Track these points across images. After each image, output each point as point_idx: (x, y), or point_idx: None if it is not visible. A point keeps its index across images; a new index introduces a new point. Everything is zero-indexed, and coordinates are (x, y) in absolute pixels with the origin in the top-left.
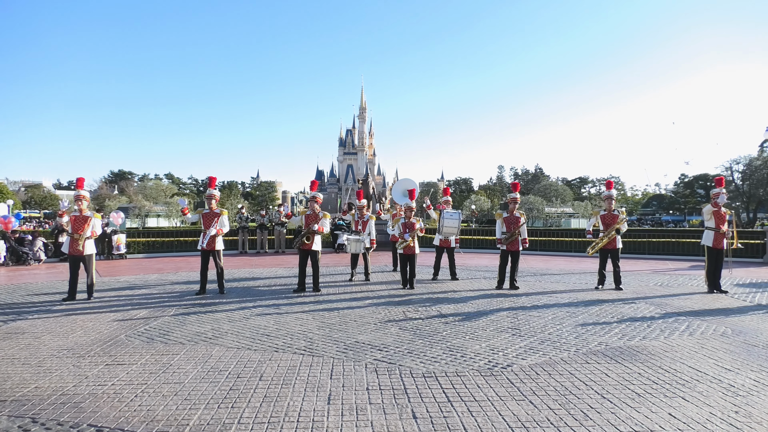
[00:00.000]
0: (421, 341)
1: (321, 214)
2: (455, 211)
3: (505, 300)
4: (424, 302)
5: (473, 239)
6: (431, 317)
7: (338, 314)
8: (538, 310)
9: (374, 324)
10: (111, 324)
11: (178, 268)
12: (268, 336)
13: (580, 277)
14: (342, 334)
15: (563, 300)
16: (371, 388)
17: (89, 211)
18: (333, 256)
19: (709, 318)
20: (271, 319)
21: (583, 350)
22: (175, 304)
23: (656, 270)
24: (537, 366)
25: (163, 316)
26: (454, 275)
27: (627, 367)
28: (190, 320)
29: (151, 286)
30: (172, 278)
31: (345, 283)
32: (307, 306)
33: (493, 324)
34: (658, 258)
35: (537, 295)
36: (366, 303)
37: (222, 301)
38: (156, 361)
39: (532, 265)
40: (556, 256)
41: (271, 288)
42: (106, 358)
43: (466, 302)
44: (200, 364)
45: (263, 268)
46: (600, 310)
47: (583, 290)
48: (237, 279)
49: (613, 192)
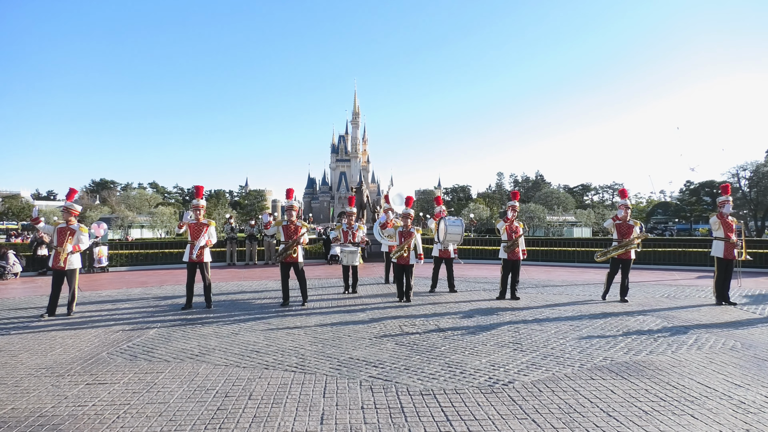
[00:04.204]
0: (419, 357)
1: (299, 223)
2: (457, 218)
3: (506, 313)
4: (421, 316)
5: (472, 249)
6: (429, 331)
7: (331, 329)
8: (540, 324)
9: (369, 339)
10: (92, 341)
11: (162, 282)
12: (257, 352)
13: (583, 288)
14: (335, 349)
15: (566, 313)
16: (366, 406)
17: (76, 224)
18: (326, 268)
19: (717, 331)
20: (261, 334)
21: (588, 366)
22: (159, 319)
23: (662, 281)
24: (540, 382)
25: (147, 333)
26: (452, 287)
27: (633, 383)
28: (175, 336)
29: (135, 301)
30: (157, 292)
31: (338, 296)
32: (299, 321)
33: (494, 338)
34: (664, 268)
35: (539, 308)
36: (360, 317)
37: (209, 316)
38: (139, 380)
39: (533, 276)
40: (558, 266)
41: (261, 302)
42: (86, 377)
43: (465, 316)
44: (186, 382)
45: (252, 280)
46: (605, 323)
47: (587, 302)
48: (225, 292)
49: (628, 201)
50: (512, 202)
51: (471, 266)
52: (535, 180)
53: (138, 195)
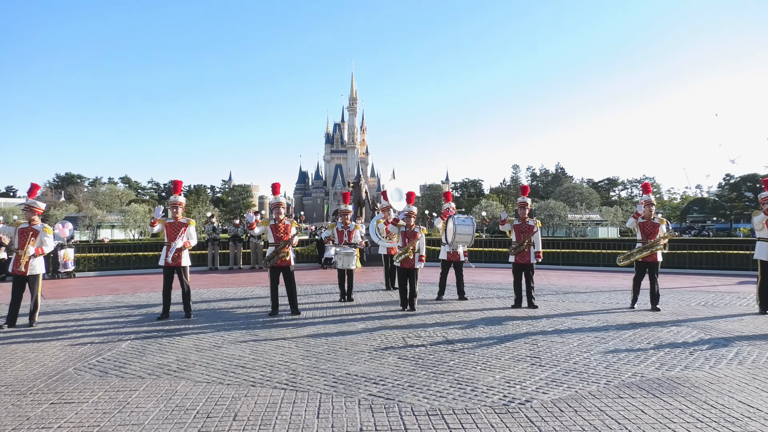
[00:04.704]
0: (424, 372)
1: (288, 221)
2: (468, 216)
3: (523, 323)
4: (427, 326)
5: (484, 252)
6: (436, 344)
7: (326, 341)
8: (561, 335)
9: (368, 352)
10: (57, 355)
11: (136, 288)
12: (243, 368)
13: (610, 295)
14: (330, 364)
15: (591, 323)
16: (365, 428)
17: (40, 224)
18: (319, 273)
19: (761, 344)
20: (247, 347)
21: (615, 382)
22: (132, 330)
23: (699, 287)
24: (561, 401)
25: (119, 346)
26: (462, 294)
27: (666, 402)
28: (150, 350)
29: (105, 310)
30: (130, 300)
31: (333, 304)
32: (290, 332)
33: (509, 351)
34: (700, 273)
35: (560, 317)
36: (358, 327)
37: (189, 327)
38: (111, 399)
39: (553, 282)
40: (581, 271)
41: (246, 311)
42: (51, 395)
43: (476, 326)
44: (163, 401)
45: (237, 287)
46: (634, 334)
47: (613, 311)
48: (206, 300)
49: (651, 197)
50: (522, 199)
51: (483, 271)
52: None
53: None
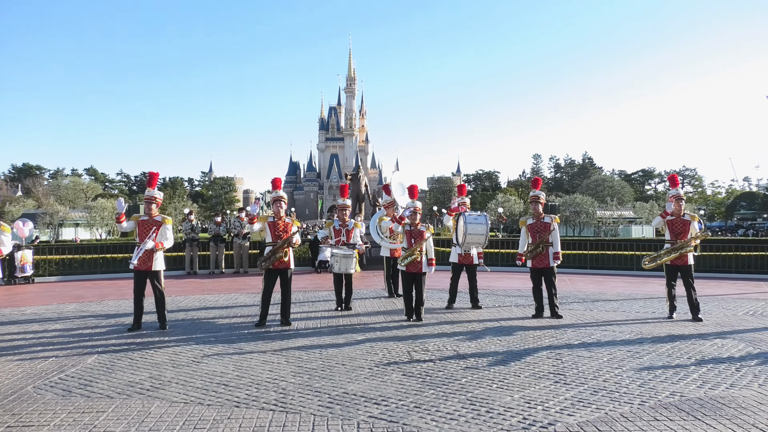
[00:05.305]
0: (433, 392)
1: (288, 219)
2: (480, 213)
3: (545, 335)
4: (436, 338)
5: (500, 253)
6: (445, 359)
7: (320, 355)
8: (589, 349)
9: (369, 368)
10: (14, 371)
11: (103, 296)
12: (225, 386)
13: (644, 303)
14: (325, 382)
15: (623, 335)
16: None
17: None
18: (313, 278)
19: None
20: (231, 362)
21: (651, 403)
22: (100, 343)
23: (746, 294)
24: (588, 424)
25: (85, 361)
26: (475, 302)
27: (709, 426)
28: (120, 365)
29: (68, 320)
30: (96, 309)
31: (329, 313)
32: (279, 345)
33: (529, 368)
34: (748, 278)
35: (587, 327)
36: (357, 340)
37: (163, 340)
38: (75, 421)
39: (580, 287)
40: (612, 275)
41: (230, 321)
42: (8, 417)
43: (492, 338)
44: (135, 424)
45: (219, 294)
46: (672, 348)
47: (649, 321)
48: (184, 309)
49: (680, 190)
50: (534, 192)
51: (499, 275)
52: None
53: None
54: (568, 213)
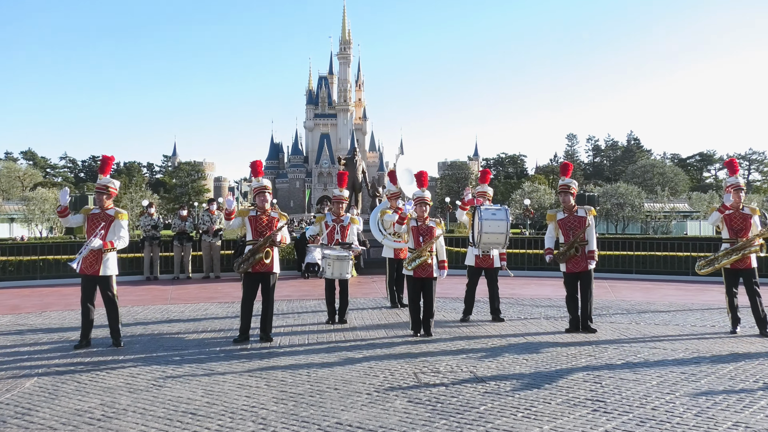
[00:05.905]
0: (445, 422)
1: (274, 213)
2: (500, 207)
3: (581, 352)
4: (449, 357)
5: (527, 254)
6: (460, 382)
7: (308, 378)
8: (634, 371)
9: (367, 394)
10: None
11: (45, 306)
12: (194, 415)
13: (702, 315)
14: (315, 410)
15: (675, 353)
16: None
17: None
18: (299, 284)
19: None
20: (199, 386)
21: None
22: (41, 363)
23: None
24: None
25: (22, 384)
26: (497, 313)
27: None
28: (65, 390)
29: (2, 336)
30: (36, 321)
31: (319, 327)
32: (259, 365)
33: (562, 393)
34: None
35: (632, 344)
36: (354, 359)
37: (117, 359)
38: None
39: (623, 296)
40: (662, 282)
41: (199, 336)
42: None
43: (516, 357)
44: None
45: (185, 303)
46: (735, 369)
47: (707, 337)
48: (142, 322)
49: (740, 178)
50: (563, 180)
51: (526, 280)
52: (627, 147)
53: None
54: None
